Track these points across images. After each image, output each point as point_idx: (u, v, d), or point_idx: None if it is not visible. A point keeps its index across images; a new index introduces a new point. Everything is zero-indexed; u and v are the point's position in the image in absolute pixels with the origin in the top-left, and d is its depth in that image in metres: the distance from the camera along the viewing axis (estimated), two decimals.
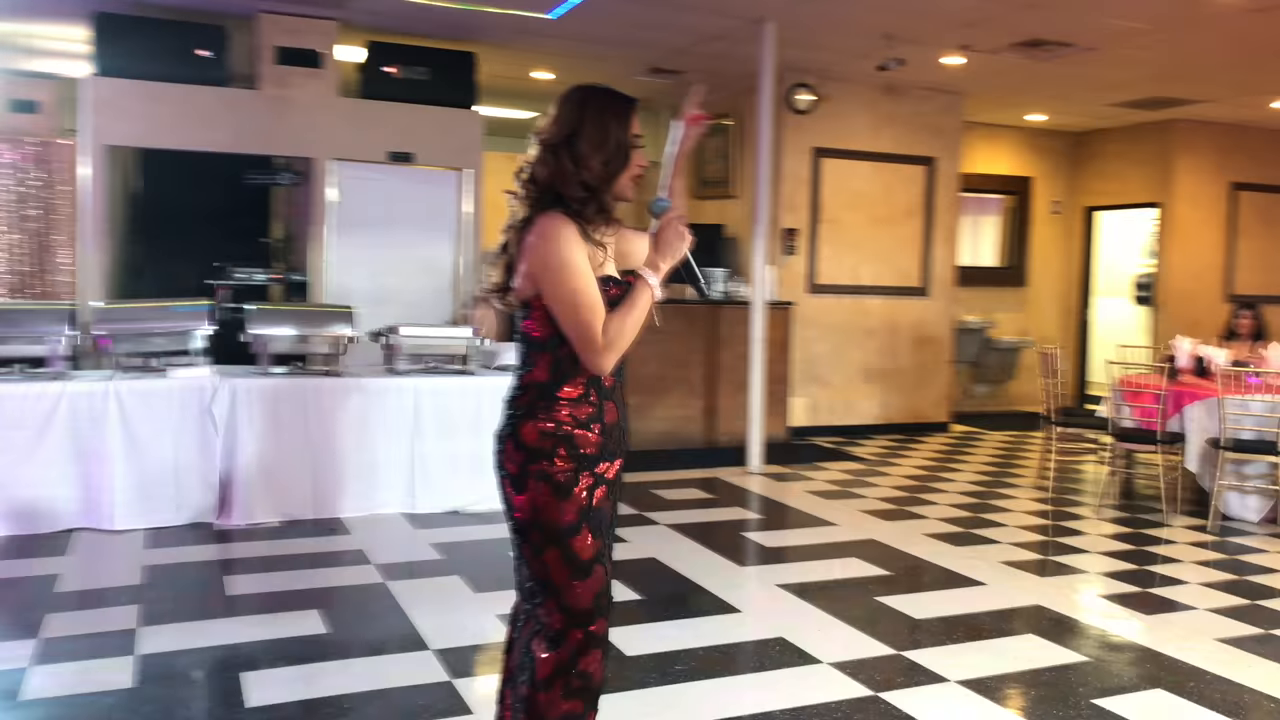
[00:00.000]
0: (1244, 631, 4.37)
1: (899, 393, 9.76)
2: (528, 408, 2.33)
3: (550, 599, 2.33)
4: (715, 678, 3.79)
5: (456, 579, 4.86)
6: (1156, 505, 6.67)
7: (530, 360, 2.36)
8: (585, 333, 2.25)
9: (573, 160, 2.29)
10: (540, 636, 2.36)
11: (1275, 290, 10.74)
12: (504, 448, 2.36)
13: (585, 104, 2.33)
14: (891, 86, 9.43)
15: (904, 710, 3.51)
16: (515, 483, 2.34)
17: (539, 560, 2.34)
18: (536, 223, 2.29)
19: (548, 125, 2.35)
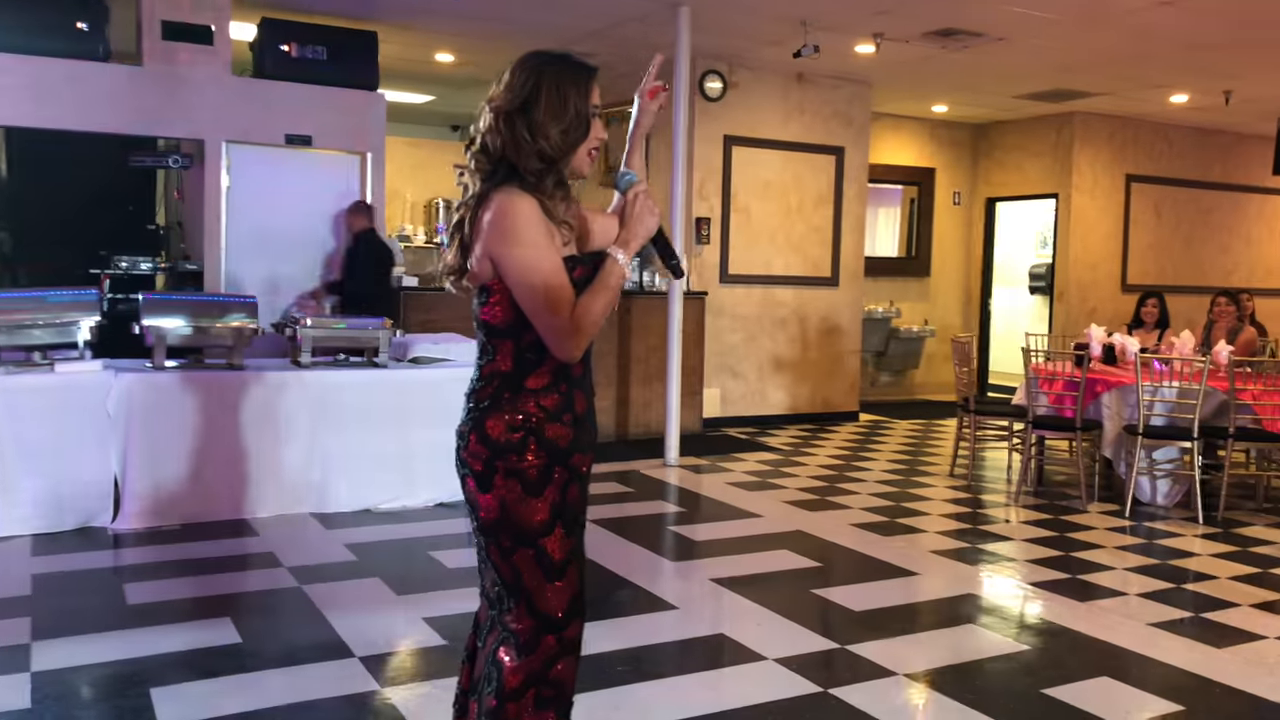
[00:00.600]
0: (1174, 615, 4.40)
1: (810, 383, 9.75)
2: (491, 400, 2.15)
3: (520, 603, 2.16)
4: (660, 678, 3.65)
5: (375, 581, 4.61)
6: (1071, 491, 6.77)
7: (491, 349, 2.17)
8: (551, 317, 2.07)
9: (529, 130, 2.11)
10: (508, 644, 2.18)
11: (1166, 280, 11.10)
12: (466, 444, 2.17)
13: (542, 70, 2.15)
14: (802, 75, 9.40)
15: (856, 706, 3.41)
16: (480, 481, 2.15)
17: (508, 563, 2.16)
18: (492, 199, 2.10)
19: (501, 92, 2.15)
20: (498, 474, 2.13)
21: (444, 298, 7.98)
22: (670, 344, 7.70)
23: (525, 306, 2.09)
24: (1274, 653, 4.00)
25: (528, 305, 2.09)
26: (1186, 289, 10.88)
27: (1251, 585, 4.84)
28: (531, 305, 2.08)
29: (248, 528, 5.39)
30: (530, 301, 2.08)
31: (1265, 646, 4.05)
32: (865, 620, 4.30)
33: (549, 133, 2.12)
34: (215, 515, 5.43)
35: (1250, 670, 3.81)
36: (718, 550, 5.30)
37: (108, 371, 5.29)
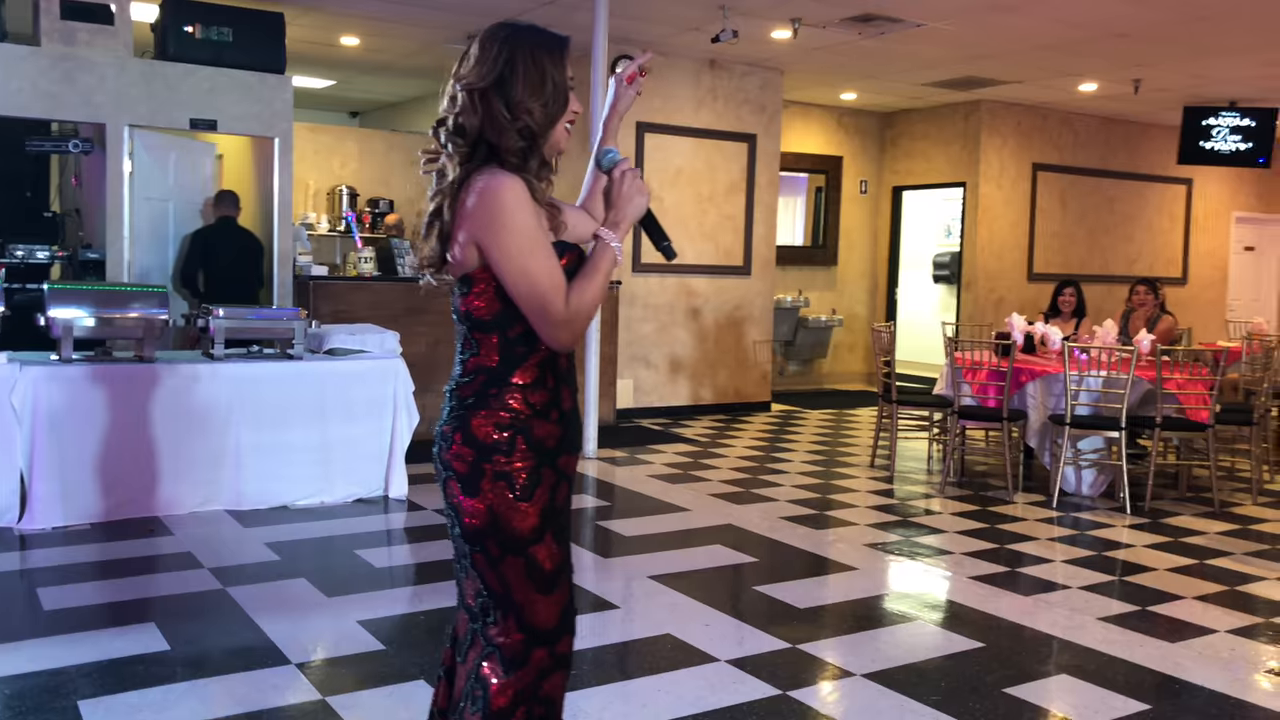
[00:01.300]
0: (1121, 609, 4.31)
1: (722, 373, 9.59)
2: (476, 397, 1.97)
3: (509, 616, 1.97)
4: (611, 682, 3.43)
5: (303, 582, 4.34)
6: (993, 481, 6.72)
7: (475, 343, 1.99)
8: (545, 305, 1.90)
9: (507, 107, 1.95)
10: (494, 660, 1.98)
11: (1072, 269, 11.26)
12: (449, 444, 1.98)
13: (515, 43, 1.97)
14: (714, 62, 9.20)
15: (820, 710, 3.22)
16: (466, 485, 1.95)
17: (495, 572, 1.96)
18: (475, 181, 1.92)
19: (472, 69, 1.97)
20: (485, 477, 1.94)
21: (356, 287, 7.56)
22: (588, 334, 7.40)
23: (517, 295, 1.91)
24: (1227, 647, 3.92)
25: (521, 293, 1.90)
26: (1091, 278, 11.03)
27: (1191, 577, 4.80)
28: (525, 293, 1.90)
29: (161, 526, 5.06)
30: (523, 290, 1.90)
31: (1218, 641, 3.98)
32: (812, 618, 4.12)
33: (530, 108, 1.96)
34: (126, 513, 5.13)
35: (1207, 666, 3.72)
36: (650, 546, 5.05)
37: (12, 365, 4.92)
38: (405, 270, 8.22)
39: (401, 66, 9.84)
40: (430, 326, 7.42)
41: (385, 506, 5.65)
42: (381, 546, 5.10)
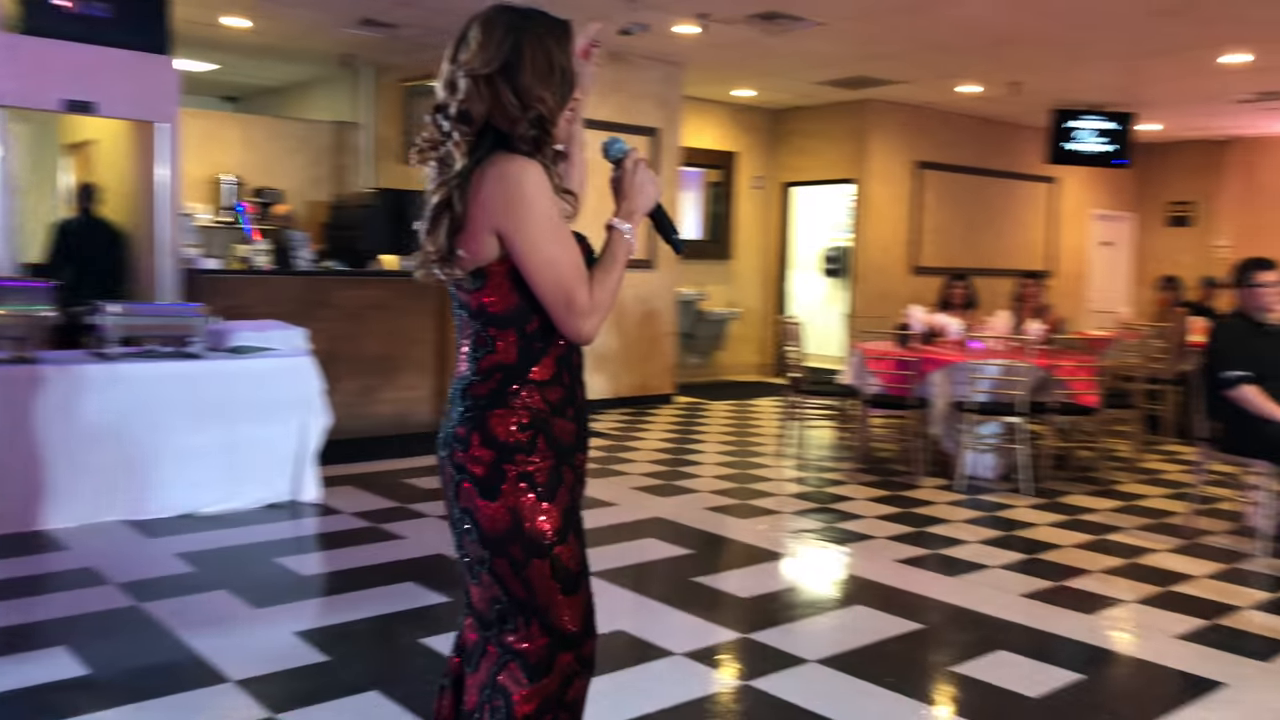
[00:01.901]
0: (1039, 585, 4.56)
1: (628, 366, 9.65)
2: (492, 395, 1.90)
3: (532, 621, 1.92)
4: None
5: (224, 594, 4.15)
6: (898, 467, 6.98)
7: (490, 340, 1.92)
8: (570, 296, 1.86)
9: (515, 94, 1.87)
10: (514, 668, 1.93)
11: (952, 263, 11.70)
12: (466, 447, 1.90)
13: (521, 27, 1.90)
14: (616, 54, 9.24)
15: (783, 698, 3.30)
16: (485, 488, 1.89)
17: (519, 578, 1.91)
18: (490, 168, 1.85)
19: (475, 54, 1.88)
20: (506, 479, 1.88)
21: (250, 281, 7.33)
22: None
23: (541, 285, 1.86)
24: (1139, 617, 4.21)
25: (545, 284, 1.86)
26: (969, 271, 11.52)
27: (1094, 552, 5.11)
28: (549, 284, 1.86)
29: (51, 541, 4.74)
30: (548, 280, 1.86)
31: (1130, 611, 4.27)
32: (756, 607, 4.22)
33: (541, 95, 1.89)
34: (8, 528, 4.76)
35: (1124, 633, 3.99)
36: (589, 542, 5.06)
37: None
38: (301, 263, 8.02)
39: (289, 50, 9.55)
40: (330, 321, 7.23)
41: (298, 512, 5.49)
42: (302, 553, 4.97)
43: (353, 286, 7.69)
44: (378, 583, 4.34)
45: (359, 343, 7.54)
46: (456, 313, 1.98)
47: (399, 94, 9.83)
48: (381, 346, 7.76)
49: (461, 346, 1.97)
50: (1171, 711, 3.29)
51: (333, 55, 9.76)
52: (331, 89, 10.90)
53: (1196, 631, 4.03)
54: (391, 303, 7.84)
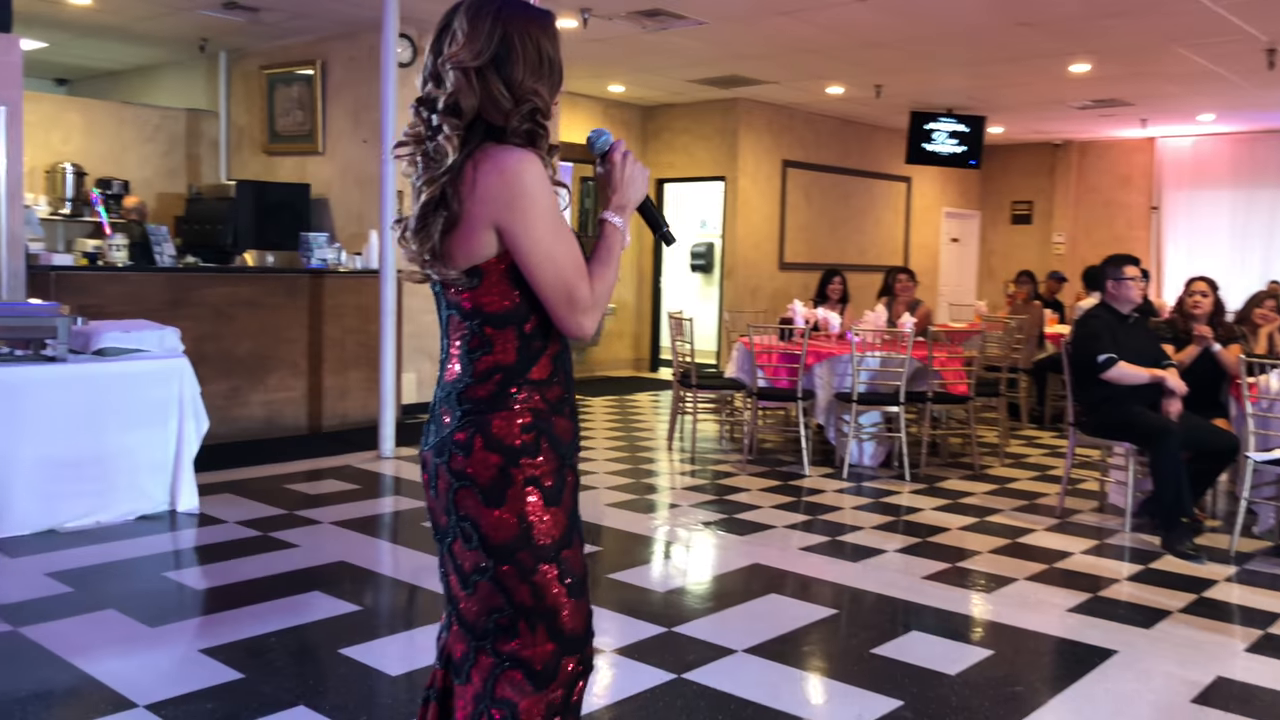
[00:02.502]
0: (936, 568, 4.76)
1: None
2: (492, 398, 1.85)
3: (538, 628, 1.87)
4: None
5: (112, 614, 3.89)
6: (784, 458, 7.16)
7: (487, 340, 1.86)
8: (573, 291, 1.83)
9: (507, 87, 1.83)
10: (518, 677, 1.88)
11: (816, 259, 12.09)
12: (468, 452, 1.84)
13: (508, 19, 1.85)
14: None
15: (718, 688, 3.34)
16: (490, 495, 1.83)
17: (528, 584, 1.86)
18: (487, 161, 1.80)
19: (464, 46, 1.82)
20: (513, 484, 1.83)
21: (108, 278, 6.90)
22: (384, 326, 7.17)
23: (542, 281, 1.82)
24: (1030, 592, 4.44)
25: (546, 279, 1.82)
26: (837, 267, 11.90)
27: (979, 534, 5.37)
28: (551, 279, 1.82)
29: None
30: (549, 275, 1.82)
31: (1021, 588, 4.50)
32: (675, 600, 4.26)
33: (535, 88, 1.85)
34: None
35: (1022, 610, 4.20)
36: None
37: None
38: (164, 258, 7.61)
39: (136, 31, 9.04)
40: (194, 320, 6.90)
41: (175, 522, 5.20)
42: (191, 566, 4.72)
43: (219, 283, 7.35)
44: (280, 594, 4.16)
45: (226, 342, 7.22)
46: (445, 313, 1.91)
47: (260, 82, 9.45)
48: (250, 346, 7.45)
49: (451, 348, 1.90)
50: (1078, 679, 3.49)
51: (185, 38, 9.29)
52: (182, 74, 10.38)
53: (1084, 604, 4.29)
54: (261, 300, 7.53)
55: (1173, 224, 13.24)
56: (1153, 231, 13.31)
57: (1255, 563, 4.92)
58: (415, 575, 4.48)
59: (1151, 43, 7.99)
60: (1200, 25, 7.33)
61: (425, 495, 1.96)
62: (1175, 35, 7.71)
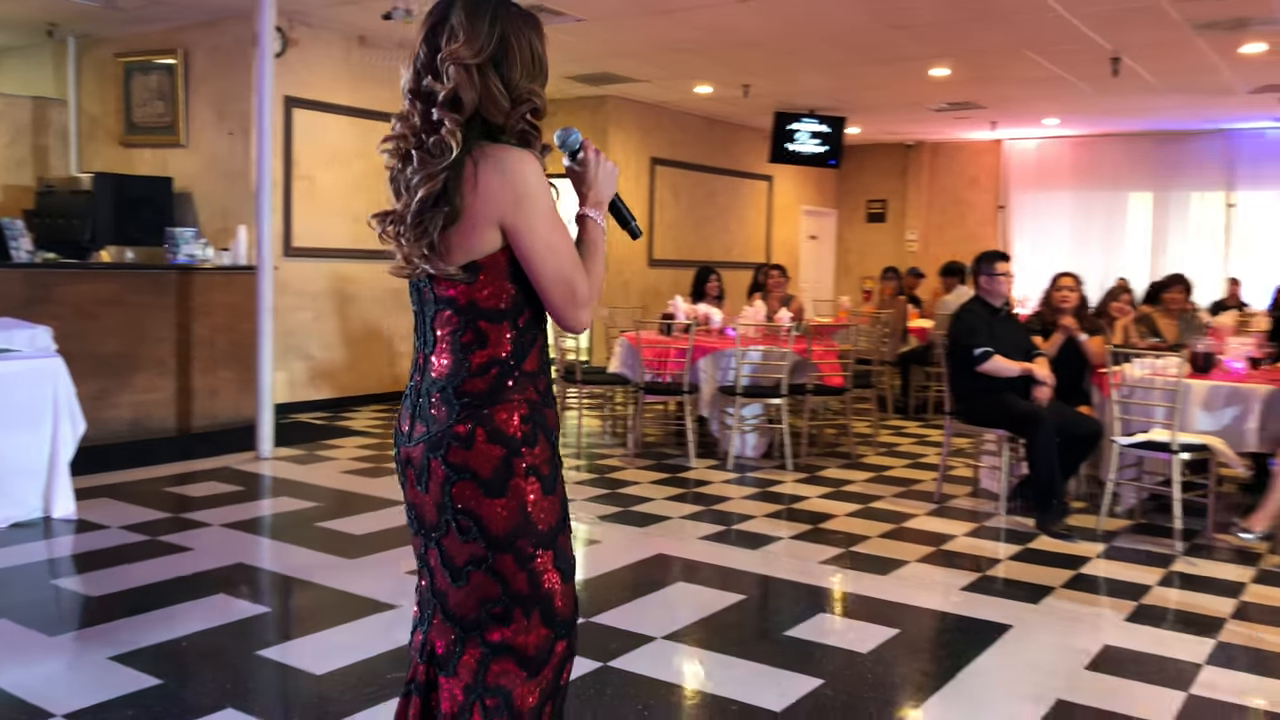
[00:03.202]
0: (831, 553, 4.94)
1: (379, 361, 9.38)
2: (491, 390, 1.86)
3: (533, 613, 1.90)
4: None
5: (7, 624, 3.71)
6: (668, 450, 7.27)
7: (483, 335, 1.88)
8: (573, 287, 1.88)
9: (505, 85, 1.86)
10: (509, 664, 1.90)
11: (684, 256, 12.29)
12: (468, 444, 1.85)
13: (505, 19, 1.89)
14: (364, 38, 8.93)
15: (645, 674, 3.41)
16: (491, 486, 1.85)
17: (525, 571, 1.88)
18: (487, 159, 1.83)
19: (463, 44, 1.84)
20: (516, 474, 1.85)
21: None
22: (261, 324, 6.93)
23: (543, 276, 1.86)
24: (923, 574, 4.66)
25: (548, 274, 1.86)
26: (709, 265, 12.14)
27: (867, 519, 5.59)
28: (552, 275, 1.86)
29: None
30: (551, 271, 1.86)
31: (914, 570, 4.71)
32: (588, 591, 4.28)
33: (531, 89, 1.90)
34: None
35: (918, 590, 4.41)
36: (392, 542, 4.92)
37: None
38: (20, 254, 7.16)
39: None
40: (56, 319, 6.42)
41: (51, 529, 4.95)
42: (80, 573, 4.48)
43: (81, 280, 6.97)
44: (182, 598, 4.01)
45: (90, 342, 6.86)
46: (432, 309, 1.90)
47: (115, 70, 8.97)
48: (116, 345, 7.11)
49: (439, 343, 1.90)
50: (980, 653, 3.70)
51: (32, 22, 8.75)
52: (27, 60, 9.75)
53: (974, 583, 4.53)
54: (125, 298, 7.19)
55: (1019, 222, 14.03)
56: (1000, 230, 14.07)
57: (1121, 539, 5.29)
58: (318, 574, 4.36)
59: (1007, 48, 8.45)
60: (1054, 32, 7.80)
61: (406, 494, 1.95)
62: (1030, 41, 8.18)
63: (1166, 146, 13.03)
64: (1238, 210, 12.94)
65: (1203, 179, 12.95)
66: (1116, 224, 13.50)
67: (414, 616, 2.05)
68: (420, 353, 1.95)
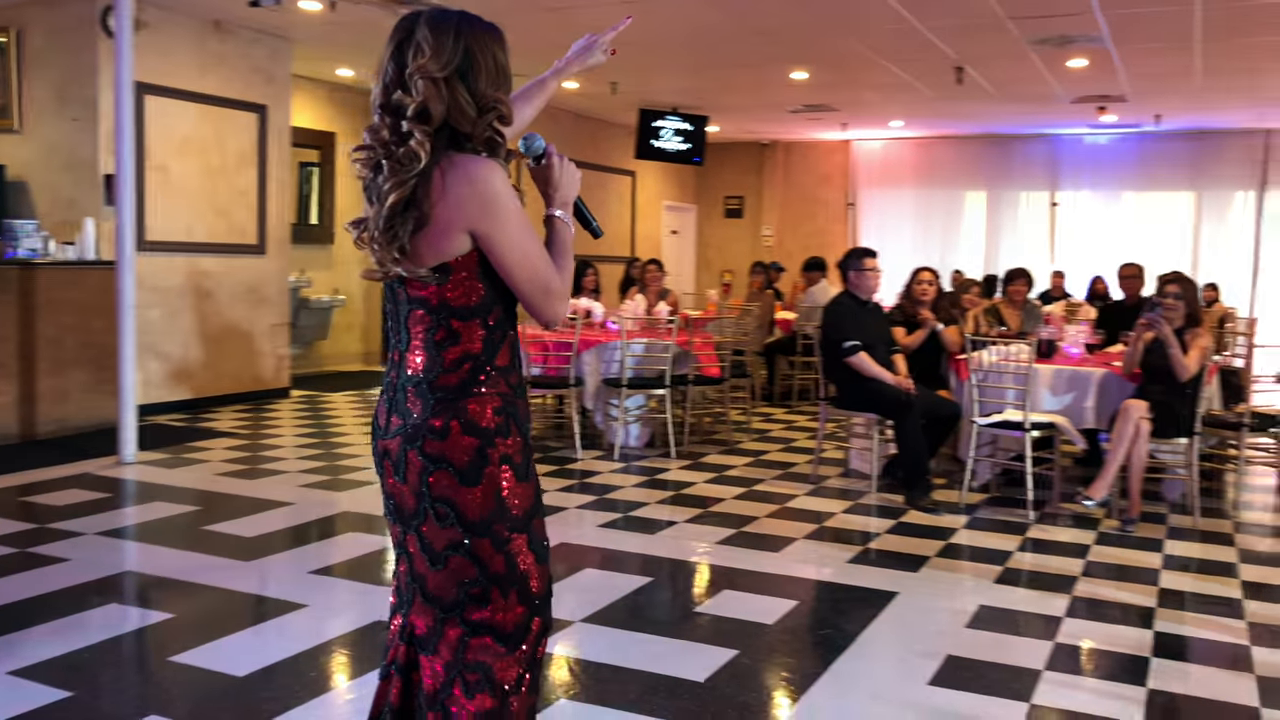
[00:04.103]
0: (725, 533, 5.16)
1: (238, 360, 9.09)
2: (463, 384, 1.95)
3: (510, 592, 1.99)
4: (356, 678, 3.33)
5: None
6: (551, 443, 7.36)
7: (455, 333, 1.96)
8: (546, 283, 1.98)
9: (472, 96, 1.94)
10: (488, 641, 1.99)
11: None
12: (443, 436, 1.92)
13: (468, 33, 1.96)
14: (220, 23, 8.64)
15: (571, 655, 3.55)
16: (466, 475, 1.93)
17: (502, 554, 1.97)
18: (455, 169, 1.91)
19: (430, 59, 1.91)
20: (490, 463, 1.94)
21: None
22: (122, 323, 6.63)
23: (518, 277, 1.95)
24: (812, 549, 4.94)
25: (523, 276, 1.95)
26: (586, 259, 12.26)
27: (752, 501, 5.85)
28: (528, 275, 1.96)
29: None
30: (526, 272, 1.95)
31: (803, 546, 4.99)
32: None
33: (498, 98, 1.97)
34: None
35: (809, 564, 4.68)
36: (286, 543, 4.87)
37: None
38: None
39: None
40: None
41: None
42: None
43: None
44: (72, 609, 3.86)
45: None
46: (406, 308, 1.98)
47: None
48: None
49: (413, 341, 1.97)
50: (874, 617, 3.97)
51: None
52: None
53: (858, 556, 4.83)
54: None
55: (866, 219, 14.71)
56: (849, 225, 14.71)
57: (981, 511, 5.71)
58: (215, 578, 4.28)
59: (864, 55, 8.88)
60: (908, 43, 8.26)
61: (384, 484, 2.01)
62: (885, 50, 8.63)
63: (998, 149, 13.92)
64: (1060, 209, 13.94)
65: (1030, 180, 13.91)
66: (954, 221, 14.34)
67: (391, 604, 2.11)
68: (395, 350, 2.03)
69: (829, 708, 3.18)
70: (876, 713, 3.15)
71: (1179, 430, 5.44)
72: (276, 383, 9.45)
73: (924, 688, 3.33)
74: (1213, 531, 5.36)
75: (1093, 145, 13.60)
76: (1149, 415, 5.32)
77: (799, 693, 3.28)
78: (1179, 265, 12.01)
